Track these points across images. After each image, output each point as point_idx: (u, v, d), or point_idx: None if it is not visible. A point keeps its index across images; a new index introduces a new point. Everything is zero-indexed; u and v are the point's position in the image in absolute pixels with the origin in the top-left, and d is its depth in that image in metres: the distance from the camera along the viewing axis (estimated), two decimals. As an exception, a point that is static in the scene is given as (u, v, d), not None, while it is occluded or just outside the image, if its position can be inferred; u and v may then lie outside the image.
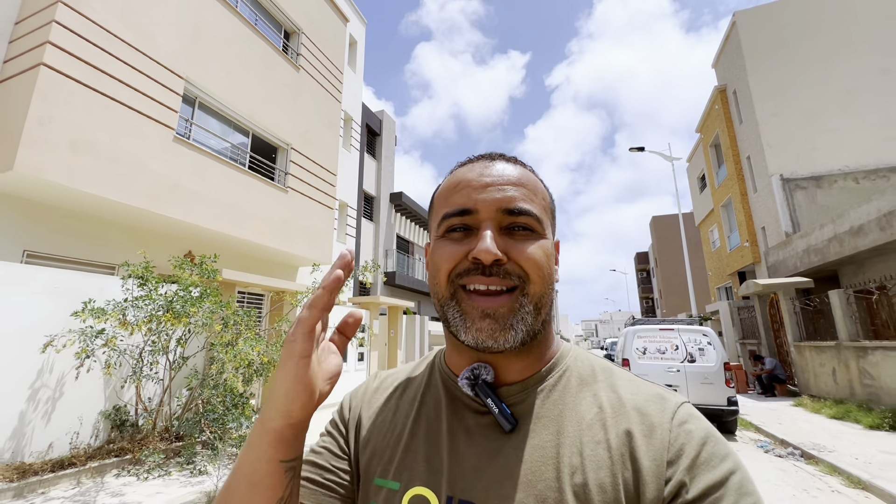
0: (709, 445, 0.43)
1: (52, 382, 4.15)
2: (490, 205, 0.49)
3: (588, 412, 0.48)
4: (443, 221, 0.51)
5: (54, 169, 4.97)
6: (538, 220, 0.50)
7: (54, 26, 5.14)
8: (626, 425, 0.46)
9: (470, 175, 0.52)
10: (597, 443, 0.45)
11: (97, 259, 6.30)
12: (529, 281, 0.47)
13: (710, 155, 18.86)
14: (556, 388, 0.51)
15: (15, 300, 3.97)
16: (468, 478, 0.46)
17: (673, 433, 0.44)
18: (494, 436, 0.48)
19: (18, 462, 3.85)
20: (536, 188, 0.53)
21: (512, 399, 0.50)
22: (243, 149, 8.25)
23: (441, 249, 0.50)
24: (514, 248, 0.48)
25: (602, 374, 0.52)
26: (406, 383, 0.60)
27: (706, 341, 6.63)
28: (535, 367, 0.52)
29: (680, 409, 0.46)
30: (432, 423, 0.53)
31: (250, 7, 8.77)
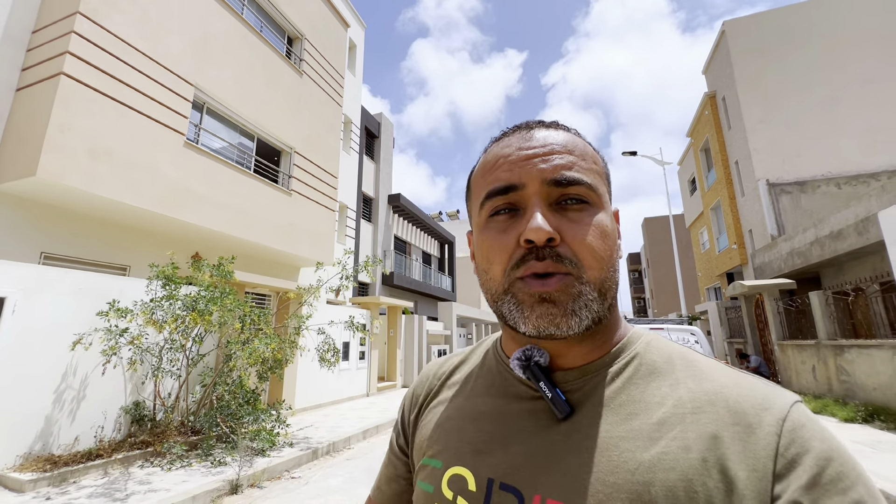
0: (836, 463, 0.35)
1: (78, 379, 4.38)
2: (535, 176, 0.44)
3: (661, 405, 0.42)
4: (485, 203, 0.47)
5: (74, 175, 5.18)
6: (593, 189, 0.45)
7: (74, 37, 5.34)
8: (711, 424, 0.39)
9: (508, 149, 0.48)
10: (671, 440, 0.39)
11: (110, 261, 6.50)
12: (585, 267, 0.42)
13: (701, 159, 19.37)
14: (620, 376, 0.45)
15: (43, 301, 4.19)
16: (513, 462, 0.44)
17: (784, 439, 0.37)
18: (545, 422, 0.45)
19: (48, 454, 4.08)
20: (586, 152, 0.47)
21: (568, 385, 0.46)
22: (249, 153, 8.47)
23: (489, 240, 0.46)
24: (568, 228, 0.43)
25: (681, 362, 0.45)
26: (460, 367, 0.60)
27: (693, 340, 6.99)
28: (597, 353, 0.47)
29: (793, 410, 0.39)
30: (481, 405, 0.51)
31: (256, 14, 8.98)
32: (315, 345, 5.88)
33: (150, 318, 4.38)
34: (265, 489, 4.05)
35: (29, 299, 4.06)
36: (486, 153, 0.51)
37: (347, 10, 14.42)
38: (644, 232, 39.61)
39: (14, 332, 3.94)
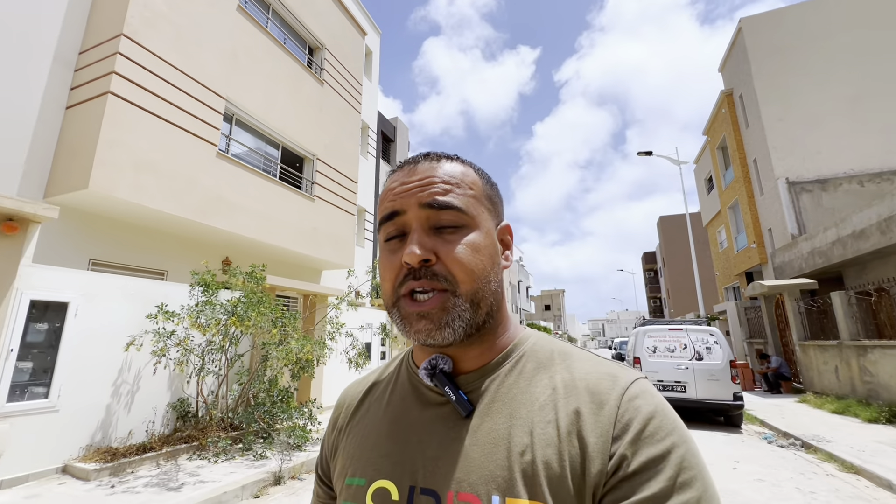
0: (655, 420, 0.43)
1: (131, 377, 4.72)
2: (413, 203, 0.50)
3: (542, 394, 0.49)
4: (380, 229, 0.54)
5: (122, 187, 5.54)
6: (465, 213, 0.51)
7: (119, 58, 5.71)
8: (575, 404, 0.46)
9: (395, 182, 0.54)
10: (547, 422, 0.46)
11: (149, 266, 6.89)
12: (458, 282, 0.48)
13: (718, 157, 19.16)
14: (511, 373, 0.52)
15: (99, 305, 4.53)
16: (429, 466, 0.48)
17: (622, 408, 0.45)
18: (453, 423, 0.50)
19: (107, 446, 4.41)
20: (464, 178, 0.53)
21: (469, 386, 0.52)
22: (274, 161, 8.81)
23: (382, 261, 0.53)
24: (443, 248, 0.49)
25: (560, 357, 0.53)
26: (376, 386, 0.63)
27: (713, 340, 7.06)
28: (490, 355, 0.53)
29: (632, 386, 0.47)
30: (398, 417, 0.55)
31: (279, 27, 9.32)
32: (343, 347, 6.14)
33: (196, 321, 4.69)
34: (305, 481, 4.31)
35: (88, 303, 4.41)
36: (384, 185, 0.58)
37: (364, 18, 14.74)
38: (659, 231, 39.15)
39: (76, 333, 4.28)
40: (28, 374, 3.97)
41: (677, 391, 6.83)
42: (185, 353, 4.84)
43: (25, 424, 3.86)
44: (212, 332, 4.71)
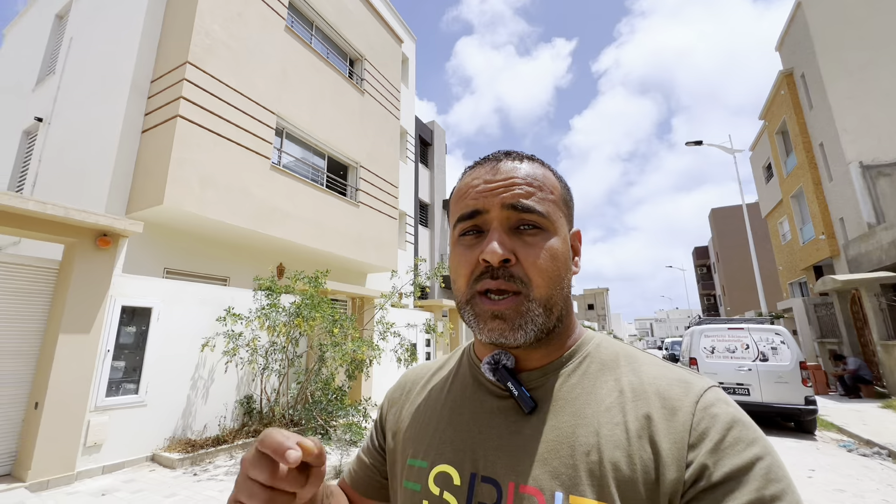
0: (735, 429, 0.43)
1: (206, 375, 5.15)
2: (496, 204, 0.51)
3: (608, 396, 0.49)
4: (457, 225, 0.54)
5: (190, 201, 6.06)
6: (546, 217, 0.51)
7: (185, 84, 6.25)
8: (645, 409, 0.46)
9: (477, 180, 0.54)
10: (615, 424, 0.46)
11: (214, 273, 7.46)
12: (534, 286, 0.49)
13: (777, 143, 17.78)
14: (575, 373, 0.52)
15: (177, 310, 4.99)
16: (490, 456, 0.50)
17: (697, 416, 0.44)
18: (514, 417, 0.51)
19: (186, 438, 4.85)
20: (545, 182, 0.54)
21: (532, 383, 0.53)
22: (321, 170, 9.24)
23: (458, 256, 0.53)
24: (523, 250, 0.50)
25: (625, 359, 0.53)
26: (437, 374, 0.66)
27: (779, 340, 6.59)
28: (555, 355, 0.54)
29: (707, 393, 0.46)
30: (458, 407, 0.57)
31: (322, 42, 9.78)
32: (392, 346, 6.33)
33: (264, 323, 5.05)
34: (362, 476, 4.51)
35: (168, 309, 4.87)
36: (461, 180, 0.57)
37: (400, 26, 15.08)
38: (712, 223, 36.83)
39: (159, 335, 4.74)
40: (121, 372, 4.45)
41: (740, 394, 6.44)
42: (253, 353, 5.21)
43: (120, 417, 4.33)
44: (278, 333, 5.04)
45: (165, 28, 7.04)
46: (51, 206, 3.78)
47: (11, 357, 3.89)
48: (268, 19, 7.90)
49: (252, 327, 5.19)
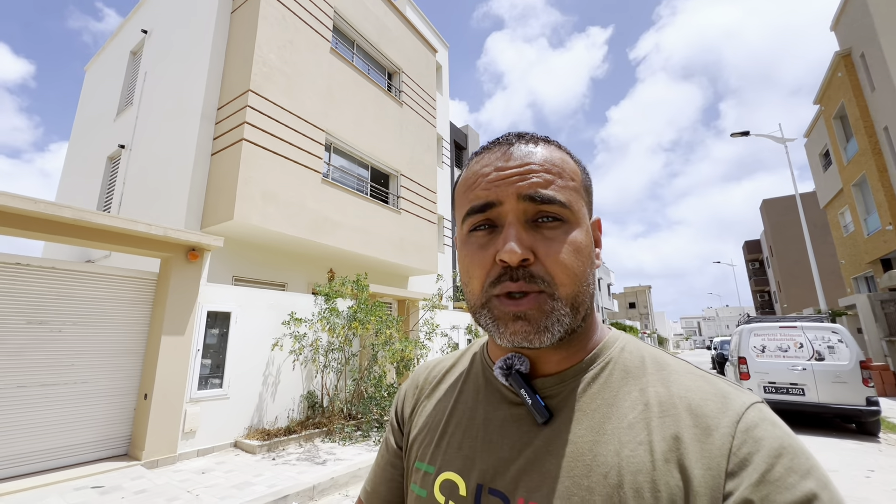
0: (785, 459, 0.36)
1: (275, 372, 5.74)
2: (511, 194, 0.46)
3: (632, 409, 0.44)
4: (466, 219, 0.49)
5: (255, 216, 6.73)
6: (568, 207, 0.46)
7: (248, 109, 6.94)
8: (674, 427, 0.41)
9: (487, 167, 0.49)
10: (638, 444, 0.41)
11: (274, 279, 8.17)
12: (557, 285, 0.44)
13: (835, 128, 16.65)
14: (596, 382, 0.47)
15: (250, 314, 5.60)
16: (499, 467, 0.46)
17: (737, 439, 0.38)
18: (527, 427, 0.47)
19: (261, 428, 5.44)
20: (564, 167, 0.49)
21: (547, 391, 0.48)
22: (365, 180, 9.81)
23: (469, 255, 0.48)
24: (543, 245, 0.45)
25: (653, 366, 0.48)
26: (450, 371, 0.62)
27: (836, 339, 6.36)
28: (574, 359, 0.49)
29: (749, 411, 0.40)
30: (469, 411, 0.53)
31: (363, 59, 10.36)
32: (440, 346, 6.71)
33: (325, 326, 5.58)
34: (418, 465, 4.90)
35: (243, 313, 5.49)
36: (468, 167, 0.52)
37: (433, 36, 15.53)
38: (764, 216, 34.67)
39: (237, 336, 5.37)
40: (208, 369, 5.10)
41: (794, 394, 6.28)
42: (315, 352, 5.76)
43: (209, 408, 4.96)
44: (337, 334, 5.56)
45: (228, 60, 7.81)
46: (154, 227, 4.44)
47: (124, 355, 4.59)
48: (315, 43, 8.54)
49: (315, 329, 5.74)
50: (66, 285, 4.24)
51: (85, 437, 4.24)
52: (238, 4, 8.06)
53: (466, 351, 0.63)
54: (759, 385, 6.56)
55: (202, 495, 3.57)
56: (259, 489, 3.72)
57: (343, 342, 5.90)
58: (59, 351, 4.14)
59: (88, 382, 4.30)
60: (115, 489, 3.64)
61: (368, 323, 5.50)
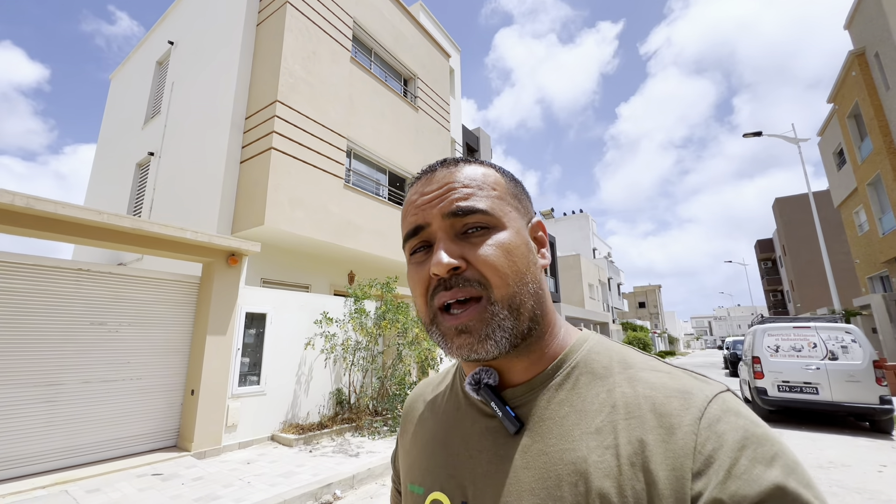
0: (749, 450, 0.36)
1: (307, 370, 6.06)
2: (436, 215, 0.48)
3: (599, 413, 0.44)
4: (405, 245, 0.52)
5: (284, 221, 7.05)
6: (490, 214, 0.48)
7: (276, 120, 7.26)
8: (639, 429, 0.41)
9: (413, 195, 0.52)
10: (605, 448, 0.41)
11: (299, 281, 8.49)
12: (491, 286, 0.45)
13: (849, 127, 16.58)
14: (563, 387, 0.47)
15: (284, 315, 5.92)
16: (479, 483, 0.47)
17: (701, 437, 0.38)
18: (503, 440, 0.48)
19: (295, 423, 5.75)
20: (486, 180, 0.51)
21: (517, 401, 0.49)
22: (383, 184, 10.10)
23: (411, 276, 0.51)
24: (470, 252, 0.46)
25: (619, 365, 0.47)
26: (436, 389, 0.63)
27: (850, 339, 6.50)
28: (539, 366, 0.50)
29: (711, 406, 0.40)
30: (451, 428, 0.54)
31: (380, 67, 10.66)
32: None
33: (357, 326, 5.88)
34: (445, 458, 5.17)
35: (277, 314, 5.81)
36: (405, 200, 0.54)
37: (446, 41, 15.79)
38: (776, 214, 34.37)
39: (273, 336, 5.69)
40: (247, 366, 5.42)
41: (807, 393, 6.44)
42: (345, 351, 6.06)
43: (249, 403, 5.29)
44: (367, 333, 5.86)
45: (255, 71, 8.15)
46: (200, 234, 4.77)
47: (171, 354, 4.93)
48: (336, 53, 8.84)
49: (346, 329, 6.04)
50: (120, 288, 4.58)
51: (139, 429, 4.58)
52: (263, 18, 8.39)
53: (451, 368, 0.64)
54: (773, 384, 6.72)
55: (253, 482, 3.88)
56: (304, 477, 4.02)
57: (370, 341, 6.19)
58: (117, 350, 4.48)
59: (142, 379, 4.64)
60: (174, 476, 3.96)
61: (398, 322, 5.78)
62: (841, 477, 4.25)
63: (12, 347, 3.85)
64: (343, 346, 6.00)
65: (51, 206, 3.71)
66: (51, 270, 4.13)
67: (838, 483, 4.07)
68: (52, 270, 4.15)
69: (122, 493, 3.53)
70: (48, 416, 3.97)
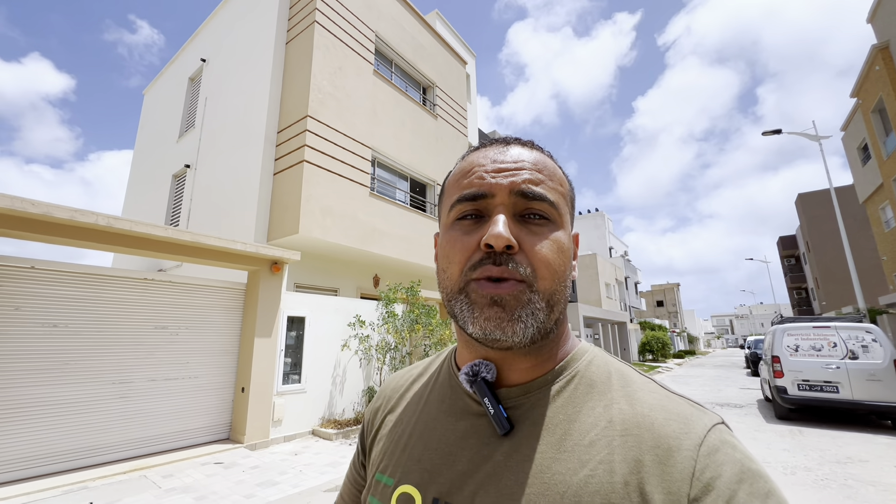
0: (746, 484, 0.37)
1: (342, 370, 6.47)
2: (504, 188, 0.46)
3: (594, 426, 0.43)
4: (455, 206, 0.49)
5: (316, 229, 7.49)
6: (555, 207, 0.47)
7: (308, 134, 7.71)
8: (636, 448, 0.40)
9: (483, 159, 0.49)
10: (598, 463, 0.41)
11: (328, 285, 8.94)
12: (538, 277, 0.44)
13: (874, 122, 16.27)
14: (560, 395, 0.47)
15: (321, 318, 6.34)
16: (456, 481, 0.45)
17: (700, 463, 0.38)
18: (487, 440, 0.46)
19: (333, 419, 6.17)
20: (554, 173, 0.50)
21: (511, 402, 0.47)
22: (405, 191, 10.49)
23: (452, 240, 0.47)
24: (528, 238, 0.45)
25: (619, 381, 0.47)
26: (417, 381, 0.61)
27: (870, 338, 6.59)
28: (542, 369, 0.49)
29: (711, 434, 0.40)
30: (431, 420, 0.52)
31: (401, 77, 11.05)
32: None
33: (392, 328, 6.27)
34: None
35: (314, 317, 6.24)
36: (462, 160, 0.53)
37: (462, 48, 16.12)
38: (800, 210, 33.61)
39: (311, 338, 6.12)
40: (289, 366, 5.86)
41: (827, 391, 6.55)
42: (378, 351, 6.46)
43: (291, 400, 5.72)
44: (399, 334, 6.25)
45: (285, 87, 8.63)
46: (249, 245, 5.22)
47: (223, 354, 5.39)
48: (360, 67, 9.27)
49: (381, 331, 6.44)
50: (178, 295, 5.06)
51: (198, 423, 5.05)
52: (292, 37, 8.87)
53: (435, 359, 0.63)
54: (793, 382, 6.84)
55: (304, 471, 4.29)
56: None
57: (399, 342, 6.57)
58: (177, 351, 4.96)
59: (199, 377, 5.11)
60: (233, 465, 4.40)
61: (430, 326, 6.15)
62: (857, 471, 4.42)
63: (92, 349, 4.34)
64: (377, 347, 6.39)
65: (126, 224, 4.19)
66: (121, 280, 4.62)
67: (853, 477, 4.25)
68: (122, 280, 4.63)
69: (193, 478, 3.97)
70: (122, 410, 4.45)
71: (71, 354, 4.17)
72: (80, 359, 4.23)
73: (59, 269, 4.17)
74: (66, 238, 3.97)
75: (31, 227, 3.76)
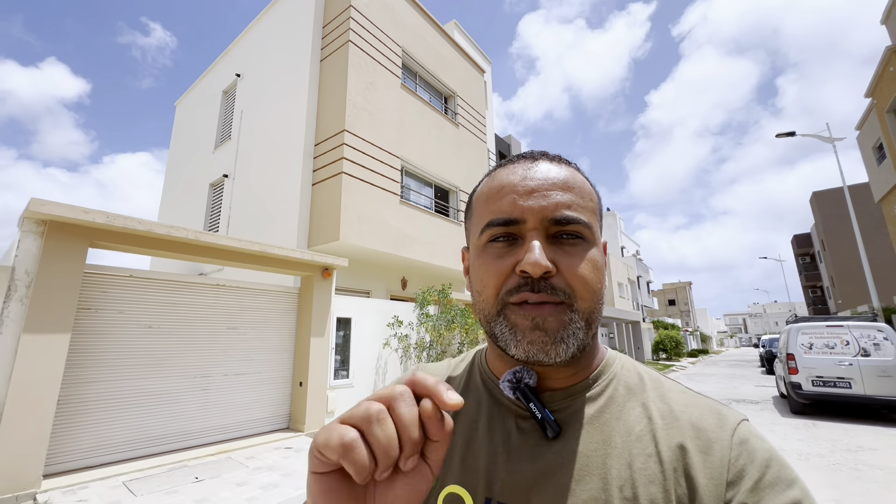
0: (773, 467, 0.42)
1: (383, 366, 7.03)
2: (537, 213, 0.47)
3: (637, 423, 0.47)
4: (486, 230, 0.49)
5: (354, 236, 8.05)
6: (588, 227, 0.48)
7: (345, 147, 8.28)
8: (679, 439, 0.44)
9: (513, 178, 0.50)
10: (647, 455, 0.44)
11: (362, 287, 9.51)
12: (577, 297, 0.45)
13: (889, 122, 16.37)
14: (601, 397, 0.50)
15: (363, 319, 6.90)
16: (508, 480, 0.46)
17: (734, 451, 0.43)
18: (535, 441, 0.48)
19: (376, 411, 6.74)
20: (584, 190, 0.50)
21: (555, 405, 0.49)
22: (430, 197, 11.02)
23: (486, 264, 0.48)
24: (564, 260, 0.46)
25: (651, 383, 0.51)
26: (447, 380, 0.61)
27: (882, 336, 6.94)
28: (580, 375, 0.51)
29: (741, 427, 0.45)
30: (472, 422, 0.53)
31: (424, 89, 11.58)
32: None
33: (431, 328, 6.81)
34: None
35: (358, 318, 6.80)
36: (490, 178, 0.53)
37: (479, 56, 16.61)
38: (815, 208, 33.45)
39: (356, 337, 6.68)
40: (338, 363, 6.42)
41: (840, 387, 6.91)
42: (417, 349, 7.00)
43: (341, 394, 6.28)
44: (437, 333, 6.78)
45: (321, 102, 9.21)
46: (306, 254, 5.79)
47: (281, 352, 5.97)
48: (389, 81, 9.81)
49: (420, 331, 6.98)
50: (244, 299, 5.65)
51: (263, 413, 5.63)
52: (326, 55, 9.45)
53: (462, 360, 0.64)
54: (808, 379, 7.22)
55: (365, 455, 4.83)
56: (403, 452, 4.95)
57: (434, 340, 7.11)
58: (245, 349, 5.55)
59: (263, 373, 5.69)
60: (300, 451, 4.96)
61: (467, 325, 6.68)
62: (867, 458, 4.83)
63: (179, 346, 4.94)
64: (416, 345, 6.93)
65: (209, 237, 4.78)
66: (198, 286, 5.22)
67: (863, 462, 4.66)
68: (199, 286, 5.23)
69: (273, 459, 4.54)
70: (204, 401, 5.05)
71: (164, 352, 4.78)
72: (171, 356, 4.83)
73: (151, 276, 4.77)
74: (161, 250, 4.57)
75: (135, 241, 4.36)
